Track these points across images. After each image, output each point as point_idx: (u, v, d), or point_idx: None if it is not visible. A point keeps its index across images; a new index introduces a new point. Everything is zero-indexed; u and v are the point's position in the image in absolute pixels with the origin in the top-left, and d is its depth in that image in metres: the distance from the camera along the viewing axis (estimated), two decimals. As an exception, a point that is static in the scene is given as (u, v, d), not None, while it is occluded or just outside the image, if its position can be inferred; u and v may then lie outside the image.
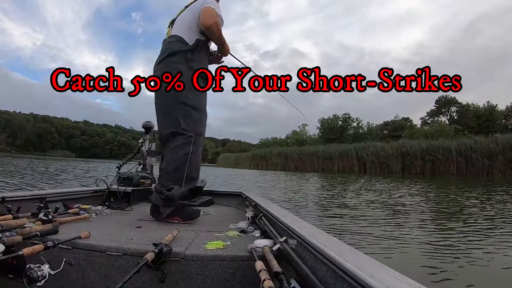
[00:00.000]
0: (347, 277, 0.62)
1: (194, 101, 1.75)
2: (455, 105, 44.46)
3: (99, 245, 1.11)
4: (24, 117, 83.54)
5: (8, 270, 0.83)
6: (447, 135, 26.79)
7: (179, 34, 1.79)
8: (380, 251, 2.51)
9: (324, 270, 0.75)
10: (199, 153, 1.80)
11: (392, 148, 22.42)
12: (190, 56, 1.75)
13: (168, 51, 1.77)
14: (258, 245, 1.09)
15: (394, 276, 0.59)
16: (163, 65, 1.77)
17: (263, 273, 0.79)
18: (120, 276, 1.01)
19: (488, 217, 4.12)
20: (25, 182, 6.23)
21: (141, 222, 1.66)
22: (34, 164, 14.47)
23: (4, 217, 1.24)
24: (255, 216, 1.66)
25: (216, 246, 1.15)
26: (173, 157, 1.72)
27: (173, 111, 1.73)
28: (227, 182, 10.71)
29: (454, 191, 8.12)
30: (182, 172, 1.71)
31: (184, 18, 1.82)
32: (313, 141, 44.38)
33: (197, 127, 1.76)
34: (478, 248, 2.61)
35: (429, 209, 4.83)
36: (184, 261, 1.06)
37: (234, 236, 1.37)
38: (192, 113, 1.74)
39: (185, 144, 1.72)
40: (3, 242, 0.87)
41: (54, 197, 1.81)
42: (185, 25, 1.80)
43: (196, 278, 1.05)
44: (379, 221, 3.86)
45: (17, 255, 0.83)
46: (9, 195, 1.54)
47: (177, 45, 1.76)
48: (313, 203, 5.39)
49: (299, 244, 0.97)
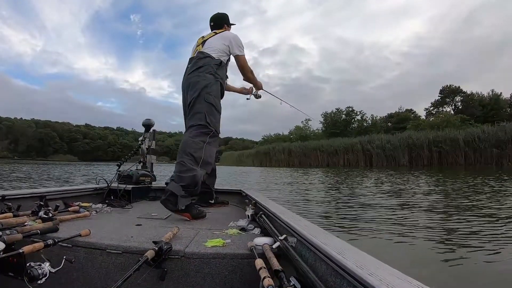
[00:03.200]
0: (347, 275, 0.62)
1: (217, 103, 2.08)
2: (459, 94, 43.55)
3: (100, 243, 1.11)
4: (26, 123, 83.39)
5: (9, 268, 0.83)
6: (454, 125, 26.18)
7: (210, 53, 2.14)
8: (382, 250, 2.51)
9: (323, 268, 0.75)
10: (213, 147, 2.04)
11: (398, 140, 21.93)
12: (216, 70, 2.11)
13: (201, 64, 2.10)
14: (258, 243, 1.09)
15: (394, 274, 0.59)
16: (196, 73, 2.09)
17: (263, 271, 0.79)
18: (120, 274, 1.01)
19: (499, 212, 4.03)
20: (25, 182, 6.23)
21: (141, 220, 1.67)
22: (34, 170, 14.34)
23: (5, 215, 1.24)
24: (255, 214, 1.66)
25: (216, 244, 1.16)
26: (193, 140, 1.96)
27: (201, 109, 2.01)
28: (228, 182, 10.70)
29: (468, 183, 7.82)
30: (200, 155, 1.92)
31: (216, 43, 2.19)
32: (316, 136, 43.38)
33: (217, 126, 2.06)
34: (482, 247, 2.58)
35: (434, 205, 4.76)
36: (184, 259, 1.06)
37: (234, 234, 1.38)
38: (215, 113, 2.05)
39: (205, 134, 1.98)
40: (4, 240, 0.87)
41: (54, 195, 1.81)
42: (215, 48, 2.16)
43: (196, 276, 1.05)
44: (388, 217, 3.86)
45: (17, 253, 0.84)
46: (10, 193, 1.55)
47: (208, 60, 2.11)
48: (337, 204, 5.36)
49: (299, 242, 0.97)
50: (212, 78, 2.08)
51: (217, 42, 2.19)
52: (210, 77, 2.07)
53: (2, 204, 1.38)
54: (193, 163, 1.89)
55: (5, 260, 0.81)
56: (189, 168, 1.85)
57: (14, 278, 0.82)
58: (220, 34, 2.26)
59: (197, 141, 1.95)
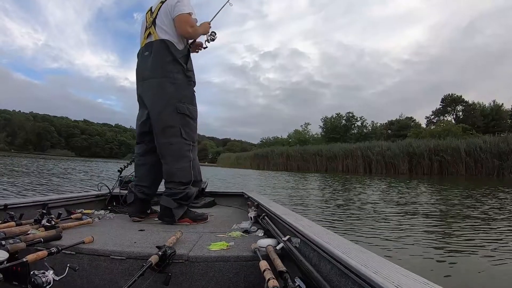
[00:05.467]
0: (351, 274, 0.62)
1: (192, 111, 1.82)
2: (461, 103, 43.36)
3: (103, 249, 1.11)
4: (24, 116, 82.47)
5: (13, 277, 0.83)
6: (455, 134, 26.18)
7: (169, 39, 1.76)
8: (387, 250, 2.50)
9: (328, 267, 0.75)
10: (196, 156, 1.87)
11: (398, 148, 21.83)
12: (185, 66, 1.79)
13: (164, 57, 1.75)
14: (261, 245, 1.09)
15: (399, 272, 0.59)
16: (159, 73, 1.75)
17: (267, 273, 0.79)
18: (124, 280, 1.01)
19: (501, 219, 4.04)
20: (26, 185, 6.22)
21: (144, 225, 1.66)
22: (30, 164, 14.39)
23: (7, 224, 1.24)
24: (258, 216, 1.66)
25: (219, 247, 1.15)
26: (177, 168, 1.76)
27: (173, 122, 1.75)
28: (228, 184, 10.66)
29: (470, 192, 7.76)
30: (190, 176, 1.78)
31: (166, 21, 1.79)
32: (316, 141, 43.41)
33: (194, 136, 1.84)
34: (485, 248, 2.57)
35: (440, 210, 4.74)
36: (188, 263, 1.06)
37: (237, 237, 1.37)
38: (191, 123, 1.82)
39: (188, 151, 1.79)
40: (7, 250, 0.87)
41: (57, 203, 1.81)
42: (169, 29, 1.78)
43: (201, 280, 1.05)
44: (389, 220, 3.85)
45: (21, 262, 0.83)
46: (12, 202, 1.55)
47: (173, 52, 1.75)
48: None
49: (302, 243, 0.97)
50: (183, 79, 1.79)
51: (168, 21, 1.78)
52: (181, 78, 1.77)
53: (4, 213, 1.38)
54: (184, 186, 1.76)
55: (9, 269, 0.81)
56: (180, 191, 1.74)
57: (18, 287, 0.82)
58: (165, 3, 1.80)
59: (181, 166, 1.76)
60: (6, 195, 4.73)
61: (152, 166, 1.89)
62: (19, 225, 1.27)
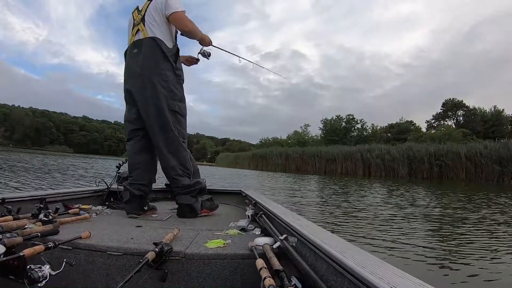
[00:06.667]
0: (348, 274, 0.62)
1: (182, 108, 1.88)
2: (462, 108, 43.45)
3: (100, 245, 1.11)
4: (23, 111, 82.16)
5: (9, 271, 0.83)
6: (455, 139, 26.18)
7: (159, 37, 1.78)
8: (384, 251, 2.51)
9: (324, 267, 0.75)
10: (188, 152, 1.94)
11: (398, 151, 21.80)
12: (175, 65, 1.82)
13: (155, 55, 1.77)
14: (258, 243, 1.09)
15: (395, 273, 0.59)
16: (151, 71, 1.76)
17: (263, 271, 0.79)
18: (121, 276, 1.01)
19: (499, 223, 4.05)
20: (23, 181, 6.21)
21: (142, 222, 1.66)
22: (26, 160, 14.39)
23: (5, 218, 1.24)
24: (255, 214, 1.66)
25: (216, 244, 1.16)
26: (176, 157, 1.84)
27: (165, 119, 1.80)
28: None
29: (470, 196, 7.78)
30: (190, 168, 1.88)
31: (156, 18, 1.79)
32: (315, 142, 43.25)
33: (185, 133, 1.90)
34: (482, 254, 2.58)
35: (438, 214, 4.76)
36: (185, 260, 1.06)
37: (234, 235, 1.38)
38: (181, 120, 1.88)
39: (183, 147, 1.87)
40: (4, 244, 0.87)
41: (54, 197, 1.81)
42: (160, 26, 1.79)
43: (197, 277, 1.05)
44: (385, 222, 3.86)
45: (17, 256, 0.83)
46: (9, 196, 1.54)
47: (164, 50, 1.77)
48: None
49: (299, 242, 0.97)
50: (173, 76, 1.82)
51: (158, 19, 1.78)
52: (171, 76, 1.80)
53: (2, 207, 1.38)
54: (195, 180, 1.88)
55: (6, 263, 0.81)
56: (194, 188, 1.86)
57: (14, 281, 0.82)
58: (154, 1, 1.80)
59: (181, 159, 1.85)
60: (3, 189, 4.72)
61: (146, 162, 1.92)
62: (17, 219, 1.27)
